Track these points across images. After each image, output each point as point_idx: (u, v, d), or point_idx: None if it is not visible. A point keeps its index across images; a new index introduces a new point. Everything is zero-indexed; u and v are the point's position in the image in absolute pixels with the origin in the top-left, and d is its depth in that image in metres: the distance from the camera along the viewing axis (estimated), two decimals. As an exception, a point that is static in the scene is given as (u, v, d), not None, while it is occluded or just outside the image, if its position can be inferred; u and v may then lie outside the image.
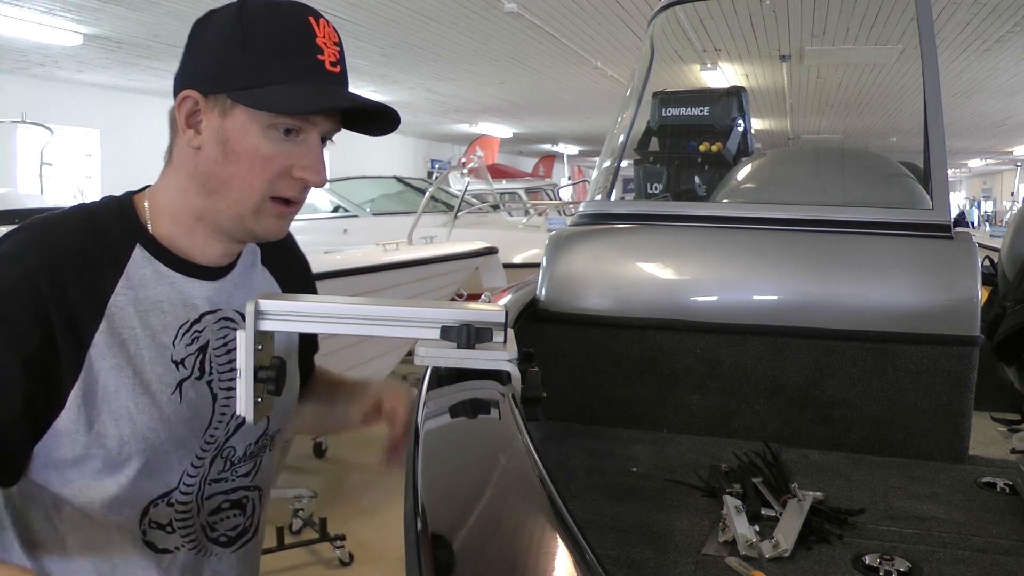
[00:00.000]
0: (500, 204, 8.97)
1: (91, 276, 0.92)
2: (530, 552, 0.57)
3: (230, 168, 0.92)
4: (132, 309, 0.93)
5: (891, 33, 7.04)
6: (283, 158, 0.92)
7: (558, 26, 7.16)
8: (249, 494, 1.10)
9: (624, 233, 1.89)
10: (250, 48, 0.90)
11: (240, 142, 0.92)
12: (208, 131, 0.93)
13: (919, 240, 1.62)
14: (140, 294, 0.94)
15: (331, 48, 0.93)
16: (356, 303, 0.89)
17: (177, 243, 0.99)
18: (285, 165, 0.93)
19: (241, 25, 0.91)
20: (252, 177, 0.92)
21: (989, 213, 21.62)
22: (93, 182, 10.43)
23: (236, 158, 0.92)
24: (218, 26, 0.92)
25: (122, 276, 0.94)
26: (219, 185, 0.94)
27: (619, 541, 1.15)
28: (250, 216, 0.95)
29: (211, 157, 0.93)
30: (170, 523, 1.00)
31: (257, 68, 0.90)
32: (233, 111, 0.91)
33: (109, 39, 7.61)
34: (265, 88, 0.90)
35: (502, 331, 0.85)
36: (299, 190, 0.95)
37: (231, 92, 0.91)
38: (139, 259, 0.96)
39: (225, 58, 0.91)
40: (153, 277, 0.96)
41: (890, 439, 1.57)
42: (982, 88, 9.94)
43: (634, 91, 2.41)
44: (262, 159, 0.92)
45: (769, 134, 15.35)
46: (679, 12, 4.96)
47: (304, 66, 0.91)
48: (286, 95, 0.89)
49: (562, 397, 1.76)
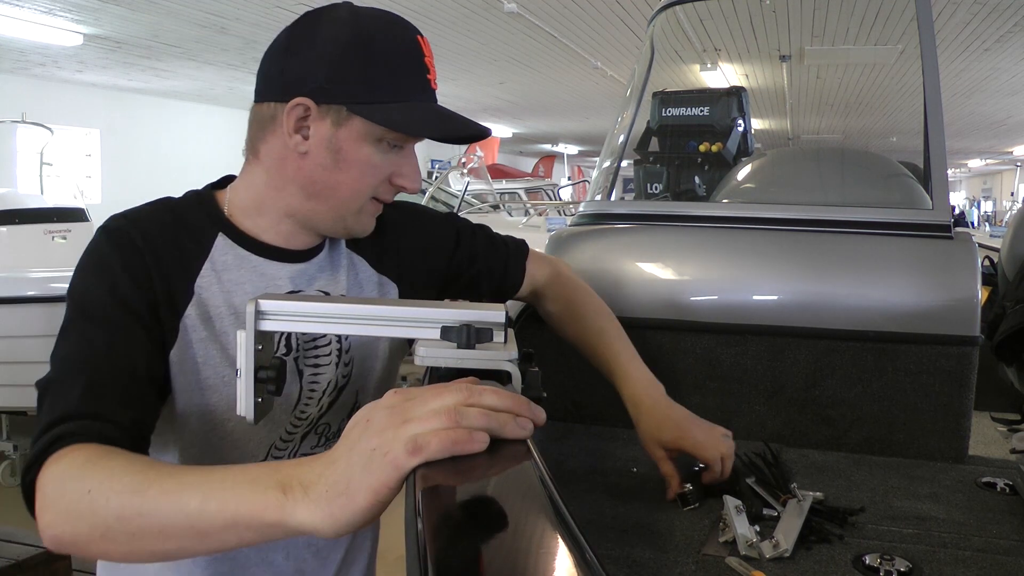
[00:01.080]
0: (500, 204, 8.97)
1: (180, 256, 0.97)
2: (530, 552, 0.57)
3: (340, 176, 0.97)
4: (217, 289, 0.98)
5: (891, 33, 7.05)
6: (387, 166, 0.99)
7: (558, 26, 7.17)
8: None
9: (624, 233, 1.89)
10: (368, 62, 0.93)
11: (353, 152, 0.96)
12: (318, 138, 0.96)
13: (919, 240, 1.62)
14: (224, 276, 0.99)
15: (433, 69, 0.99)
16: (356, 303, 0.89)
17: (260, 234, 1.03)
18: (388, 173, 1.00)
19: (359, 36, 0.94)
20: (360, 184, 0.98)
21: (989, 213, 21.62)
22: (93, 182, 10.43)
23: (347, 166, 0.97)
24: (332, 33, 0.94)
25: (207, 260, 0.99)
26: (325, 190, 0.98)
27: (619, 541, 1.15)
28: (350, 216, 1.01)
29: (320, 164, 0.97)
30: None
31: (378, 84, 0.94)
32: (349, 122, 0.95)
33: (109, 39, 7.61)
34: (386, 105, 0.94)
35: (502, 331, 0.85)
36: (394, 193, 1.02)
37: (350, 105, 0.94)
38: (222, 245, 1.00)
39: (343, 68, 0.93)
40: (236, 262, 1.00)
41: (890, 439, 1.57)
42: (982, 88, 9.94)
43: (634, 91, 2.41)
44: (372, 168, 0.98)
45: (769, 134, 15.36)
46: (679, 12, 4.97)
47: (418, 86, 0.96)
48: (409, 115, 0.95)
49: (562, 397, 1.76)
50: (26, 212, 5.15)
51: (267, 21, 6.78)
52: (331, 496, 0.61)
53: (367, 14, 0.96)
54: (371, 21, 0.95)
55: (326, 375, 1.07)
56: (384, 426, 0.61)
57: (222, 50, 8.05)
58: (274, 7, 6.41)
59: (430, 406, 0.62)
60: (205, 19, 6.74)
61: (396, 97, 0.94)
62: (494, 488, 0.65)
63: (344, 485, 0.61)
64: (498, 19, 6.84)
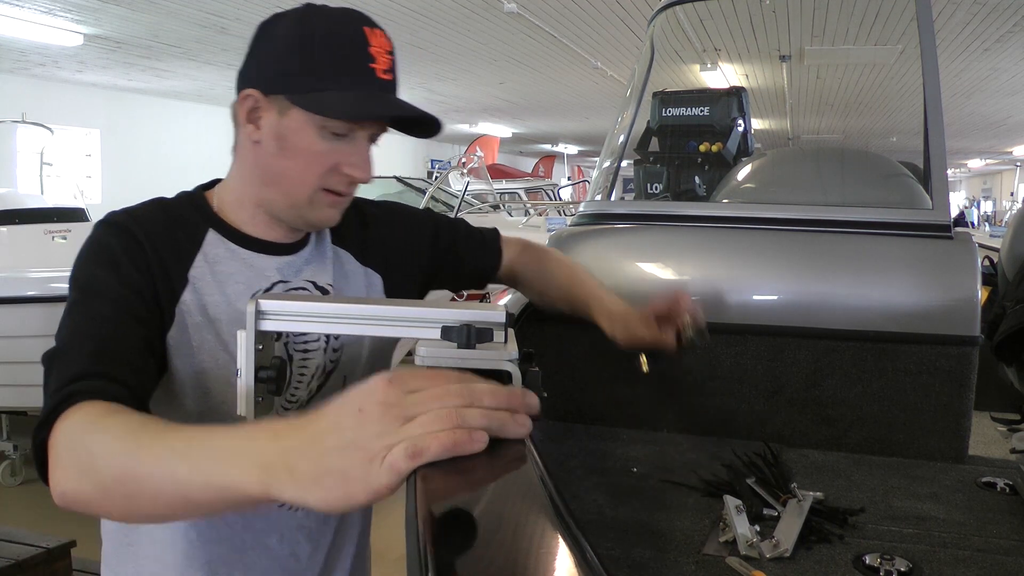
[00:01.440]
0: (500, 204, 8.98)
1: (175, 248, 1.02)
2: (530, 552, 0.57)
3: (286, 163, 1.01)
4: (211, 279, 1.03)
5: (891, 33, 7.05)
6: (333, 155, 1.01)
7: (558, 26, 7.17)
8: None
9: (624, 233, 1.89)
10: (309, 54, 0.97)
11: (295, 140, 0.99)
12: (267, 127, 1.01)
13: (919, 240, 1.62)
14: (216, 268, 1.04)
15: (384, 57, 1.00)
16: (356, 303, 0.89)
17: (244, 227, 1.08)
18: (335, 162, 1.01)
19: (302, 31, 0.98)
20: (305, 172, 1.01)
21: (989, 213, 21.62)
22: (93, 182, 10.43)
23: (291, 154, 1.00)
24: (282, 31, 1.00)
25: (199, 252, 1.04)
26: (275, 177, 1.03)
27: (619, 541, 1.15)
28: (304, 206, 1.03)
29: (269, 151, 1.02)
30: None
31: (314, 73, 0.97)
32: (291, 111, 0.99)
33: (109, 39, 7.61)
34: (322, 93, 0.97)
35: (502, 331, 0.85)
36: (347, 184, 1.03)
37: (289, 94, 0.98)
38: (213, 240, 1.05)
39: (286, 62, 0.99)
40: (227, 255, 1.06)
41: (890, 439, 1.57)
42: (982, 88, 9.94)
43: (634, 91, 2.41)
44: (314, 156, 1.00)
45: (769, 134, 15.36)
46: (679, 12, 4.97)
47: (357, 73, 0.98)
48: (340, 101, 0.97)
49: (562, 397, 1.76)
50: (26, 212, 5.15)
51: (267, 21, 6.79)
52: (325, 485, 0.60)
53: (319, 11, 1.00)
54: (320, 16, 1.00)
55: (315, 360, 1.11)
56: (382, 426, 0.60)
57: (222, 50, 8.04)
58: (274, 7, 6.38)
59: (430, 407, 0.61)
60: (205, 19, 6.74)
61: (334, 86, 0.97)
62: (494, 488, 0.65)
63: (340, 477, 0.60)
64: (498, 19, 6.84)
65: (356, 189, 1.07)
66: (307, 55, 0.97)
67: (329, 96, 0.97)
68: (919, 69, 1.76)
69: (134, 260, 0.97)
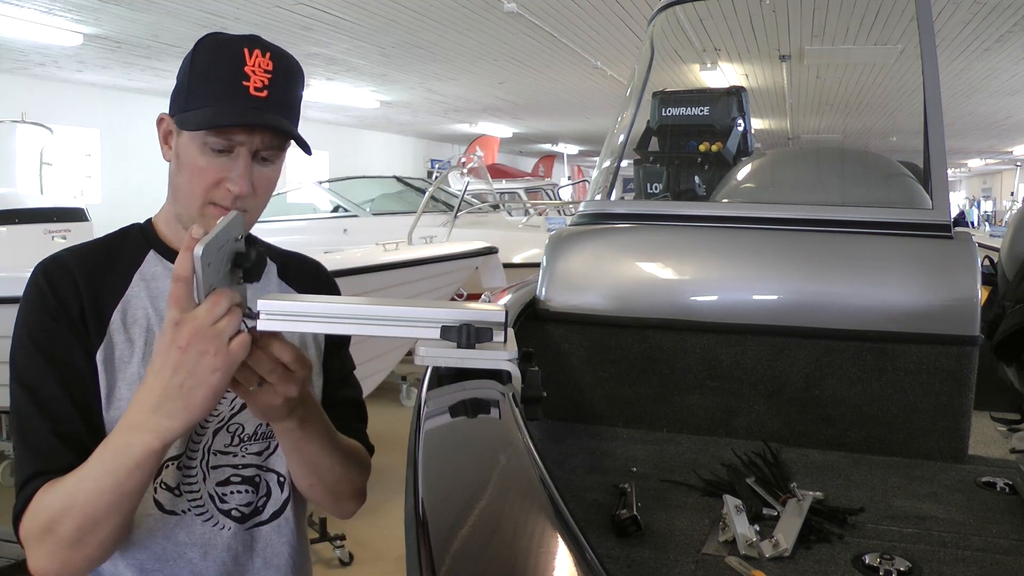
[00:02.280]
0: (500, 204, 8.97)
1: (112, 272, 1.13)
2: (530, 552, 0.57)
3: (180, 178, 1.09)
4: (145, 295, 1.12)
5: (891, 33, 7.05)
6: (215, 171, 1.06)
7: (558, 26, 7.16)
8: (263, 474, 1.17)
9: (624, 233, 1.89)
10: (191, 77, 1.07)
11: (185, 156, 1.07)
12: (174, 147, 1.10)
13: (919, 240, 1.62)
14: (152, 285, 1.13)
15: (260, 75, 1.06)
16: (356, 303, 0.89)
17: (176, 243, 1.15)
18: (217, 177, 1.07)
19: (194, 56, 1.08)
20: (192, 186, 1.08)
21: (989, 213, 21.61)
22: (93, 182, 10.42)
23: (184, 170, 1.08)
24: (187, 57, 1.10)
25: (137, 273, 1.14)
26: (175, 192, 1.12)
27: (619, 541, 1.15)
28: (197, 218, 1.09)
29: (174, 168, 1.11)
30: (178, 486, 1.11)
31: (191, 93, 1.07)
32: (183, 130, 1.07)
33: (109, 39, 7.61)
34: (191, 111, 1.05)
35: (502, 331, 0.85)
36: (230, 199, 1.07)
37: (176, 115, 1.08)
38: (152, 260, 1.15)
39: (179, 85, 1.09)
40: (163, 272, 1.14)
41: (890, 439, 1.57)
42: (982, 88, 9.94)
43: (634, 91, 2.41)
44: (199, 171, 1.07)
45: (769, 134, 15.36)
46: (679, 12, 4.97)
47: (225, 91, 1.04)
48: (200, 116, 1.04)
49: (562, 397, 1.76)
50: (26, 212, 5.14)
51: (267, 21, 6.79)
52: (189, 401, 0.87)
53: (214, 38, 1.09)
54: (210, 42, 1.08)
55: None
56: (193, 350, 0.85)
57: (222, 50, 8.02)
58: (274, 7, 6.42)
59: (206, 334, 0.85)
60: (205, 19, 6.74)
61: (205, 103, 1.05)
62: (494, 488, 0.65)
63: (193, 391, 0.87)
64: (498, 19, 6.84)
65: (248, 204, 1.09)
66: (192, 78, 1.07)
67: (195, 113, 1.05)
68: (919, 69, 1.76)
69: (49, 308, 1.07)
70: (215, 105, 1.04)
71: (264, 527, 1.17)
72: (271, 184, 1.12)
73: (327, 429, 1.09)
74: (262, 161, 1.09)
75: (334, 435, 1.11)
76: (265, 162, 1.09)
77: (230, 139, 1.05)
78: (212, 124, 1.03)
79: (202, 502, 1.12)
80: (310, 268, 1.31)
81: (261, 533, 1.17)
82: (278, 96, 1.07)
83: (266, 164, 1.09)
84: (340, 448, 1.12)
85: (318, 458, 1.09)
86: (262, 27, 6.97)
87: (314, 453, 1.08)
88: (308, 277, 1.29)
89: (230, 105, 1.04)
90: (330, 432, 1.10)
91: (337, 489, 1.15)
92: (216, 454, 1.13)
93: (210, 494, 1.12)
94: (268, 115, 1.05)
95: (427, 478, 0.66)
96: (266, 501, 1.17)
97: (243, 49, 1.05)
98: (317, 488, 1.14)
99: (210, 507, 1.13)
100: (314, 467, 1.10)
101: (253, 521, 1.16)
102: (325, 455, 1.09)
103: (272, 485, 1.17)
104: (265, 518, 1.17)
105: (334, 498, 1.17)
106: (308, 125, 14.30)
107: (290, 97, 1.10)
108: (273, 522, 1.18)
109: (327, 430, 1.09)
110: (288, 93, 1.09)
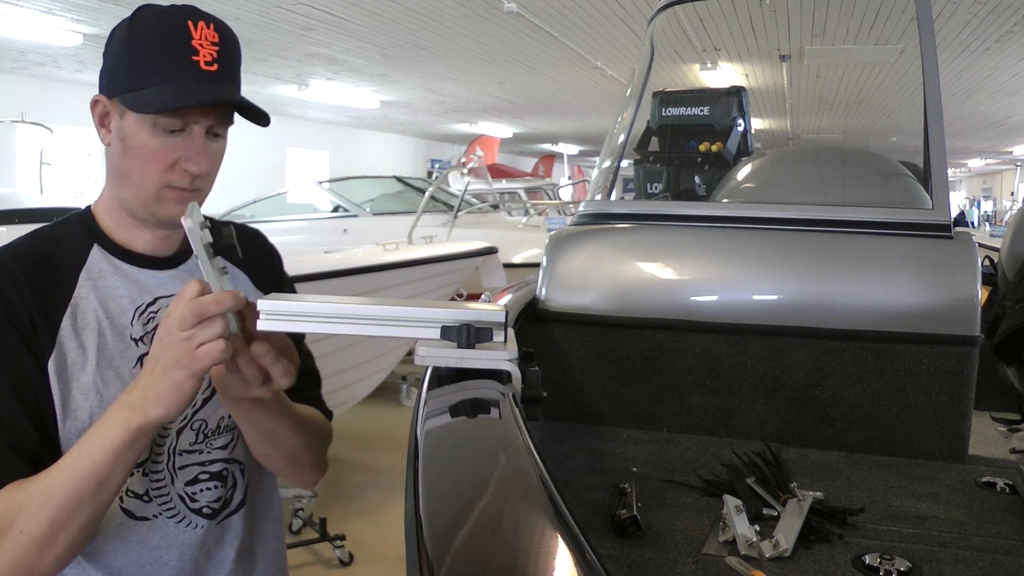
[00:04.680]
0: (500, 204, 8.96)
1: (56, 273, 1.06)
2: (530, 552, 0.57)
3: (129, 162, 1.03)
4: (94, 295, 1.07)
5: (891, 33, 7.05)
6: (170, 152, 1.02)
7: (558, 26, 7.16)
8: (229, 467, 1.15)
9: (624, 233, 1.89)
10: (133, 54, 1.01)
11: (134, 139, 1.02)
12: (114, 130, 1.04)
13: (919, 240, 1.62)
14: (99, 283, 1.08)
15: (208, 48, 1.01)
16: (356, 303, 0.89)
17: (120, 236, 1.10)
18: (173, 158, 1.02)
19: (130, 32, 1.02)
20: (146, 170, 1.03)
21: (989, 213, 21.60)
22: (93, 182, 10.42)
23: (133, 153, 1.02)
24: (118, 34, 1.03)
25: (83, 271, 1.07)
26: (123, 177, 1.06)
27: (619, 541, 1.15)
28: (152, 203, 1.05)
29: (117, 153, 1.05)
30: (146, 492, 1.09)
31: (136, 72, 1.00)
32: (127, 112, 1.02)
33: (109, 39, 7.61)
34: (141, 91, 1.00)
35: (502, 331, 0.85)
36: (188, 180, 1.04)
37: (120, 96, 1.02)
38: (97, 256, 1.09)
39: (116, 64, 1.02)
40: (110, 269, 1.09)
41: (890, 439, 1.57)
42: (982, 88, 9.94)
43: (634, 91, 2.41)
44: (151, 153, 1.02)
45: (769, 134, 15.35)
46: (679, 12, 4.97)
47: (175, 67, 0.99)
48: (153, 96, 0.99)
49: (562, 397, 1.76)
50: (26, 212, 5.14)
51: (267, 21, 6.78)
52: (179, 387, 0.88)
53: (148, 10, 1.03)
54: (147, 15, 1.02)
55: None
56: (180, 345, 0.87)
57: (222, 50, 8.02)
58: (274, 7, 6.41)
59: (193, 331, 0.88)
60: (205, 19, 6.74)
61: (153, 82, 0.99)
62: (494, 488, 0.65)
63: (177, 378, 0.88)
64: (498, 19, 6.84)
65: (204, 183, 1.06)
66: (133, 55, 1.01)
67: (146, 93, 0.99)
68: (919, 69, 1.76)
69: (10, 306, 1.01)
70: (166, 83, 0.99)
71: (233, 517, 1.16)
72: (221, 159, 1.08)
73: (279, 398, 1.06)
74: (214, 137, 1.05)
75: (286, 403, 1.09)
76: (217, 137, 1.06)
77: (184, 118, 1.01)
78: (174, 105, 0.98)
79: (172, 503, 1.10)
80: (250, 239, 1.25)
81: (231, 523, 1.16)
82: (226, 68, 1.03)
83: (217, 139, 1.06)
84: (295, 416, 1.10)
85: (273, 427, 1.08)
86: (263, 27, 6.97)
87: (268, 423, 1.07)
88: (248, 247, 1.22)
89: (182, 82, 0.99)
90: (282, 400, 1.08)
91: (295, 457, 1.14)
92: (182, 454, 1.11)
93: (180, 495, 1.11)
94: (221, 89, 1.02)
95: (427, 478, 0.66)
96: (233, 492, 1.16)
97: (187, 22, 1.00)
98: (273, 457, 1.13)
99: (180, 508, 1.11)
100: (269, 436, 1.09)
101: (224, 513, 1.15)
102: (280, 424, 1.08)
103: (237, 475, 1.17)
104: (233, 508, 1.16)
105: (294, 467, 1.16)
106: (308, 125, 14.31)
107: (236, 67, 1.06)
108: (240, 511, 1.17)
109: (279, 399, 1.06)
110: (234, 64, 1.05)
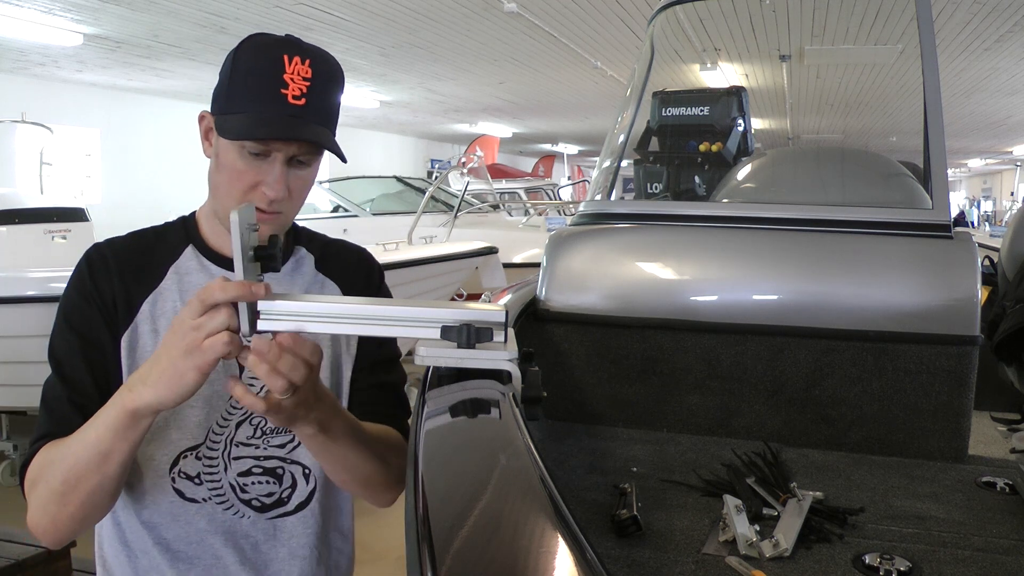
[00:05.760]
0: (500, 204, 8.97)
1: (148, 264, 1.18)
2: (530, 552, 0.57)
3: (219, 177, 1.12)
4: (176, 288, 1.17)
5: (891, 33, 7.05)
6: (252, 174, 1.09)
7: (558, 26, 7.16)
8: (286, 466, 1.19)
9: (624, 233, 1.89)
10: (232, 79, 1.09)
11: (225, 157, 1.10)
12: (214, 145, 1.13)
13: (919, 240, 1.62)
14: (184, 279, 1.18)
15: (299, 83, 1.07)
16: (356, 303, 0.89)
17: (213, 240, 1.21)
18: (254, 181, 1.10)
19: (235, 58, 1.10)
20: (230, 187, 1.11)
21: (989, 213, 21.60)
22: (93, 182, 10.42)
23: (222, 170, 1.11)
24: (228, 58, 1.12)
25: (172, 267, 1.19)
26: (214, 189, 1.15)
27: (619, 541, 1.15)
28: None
29: (212, 166, 1.14)
30: (198, 475, 1.15)
31: (231, 97, 1.09)
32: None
33: (109, 39, 7.60)
34: (230, 115, 1.08)
35: (502, 331, 0.85)
36: (266, 202, 1.10)
37: (216, 116, 1.11)
38: (189, 255, 1.20)
39: (220, 85, 1.11)
40: (197, 267, 1.19)
41: (890, 439, 1.57)
42: (982, 88, 9.94)
43: (634, 91, 2.41)
44: (236, 173, 1.10)
45: (769, 134, 15.35)
46: (679, 12, 4.97)
47: (263, 98, 1.06)
48: (238, 122, 1.06)
49: (562, 397, 1.76)
50: (26, 212, 5.14)
51: (267, 21, 6.78)
52: (181, 376, 0.90)
53: (255, 40, 1.10)
54: (251, 45, 1.10)
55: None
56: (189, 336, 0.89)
57: (222, 50, 8.02)
58: (274, 7, 6.41)
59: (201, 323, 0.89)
60: (205, 19, 6.73)
61: (243, 109, 1.07)
62: (494, 488, 0.65)
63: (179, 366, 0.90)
64: (498, 19, 6.84)
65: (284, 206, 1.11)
66: (232, 80, 1.09)
67: (234, 118, 1.07)
68: (919, 69, 1.76)
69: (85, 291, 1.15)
70: (253, 112, 1.06)
71: (289, 518, 1.19)
72: (307, 186, 1.15)
73: (350, 426, 1.07)
74: (298, 164, 1.11)
75: (359, 430, 1.09)
76: (301, 165, 1.12)
77: (268, 145, 1.07)
78: (248, 136, 1.06)
79: (222, 490, 1.16)
80: (351, 257, 1.31)
81: (286, 524, 1.19)
82: (316, 104, 1.08)
83: (302, 167, 1.12)
84: (368, 441, 1.10)
85: (346, 456, 1.08)
86: (263, 27, 6.95)
87: (341, 452, 1.07)
88: (347, 267, 1.29)
89: (267, 113, 1.06)
90: (355, 428, 1.08)
91: (371, 482, 1.14)
92: (238, 445, 1.16)
93: (231, 483, 1.16)
94: (303, 125, 1.07)
95: (427, 478, 0.66)
96: (291, 492, 1.19)
97: (283, 55, 1.06)
98: (350, 483, 1.16)
99: (231, 496, 1.16)
100: (344, 465, 1.10)
101: (277, 511, 1.18)
102: (353, 452, 1.08)
103: (297, 477, 1.20)
104: (290, 509, 1.19)
105: (370, 491, 1.17)
106: (308, 125, 14.28)
107: (328, 104, 1.11)
108: (298, 513, 1.20)
109: (351, 428, 1.07)
110: (326, 100, 1.10)
